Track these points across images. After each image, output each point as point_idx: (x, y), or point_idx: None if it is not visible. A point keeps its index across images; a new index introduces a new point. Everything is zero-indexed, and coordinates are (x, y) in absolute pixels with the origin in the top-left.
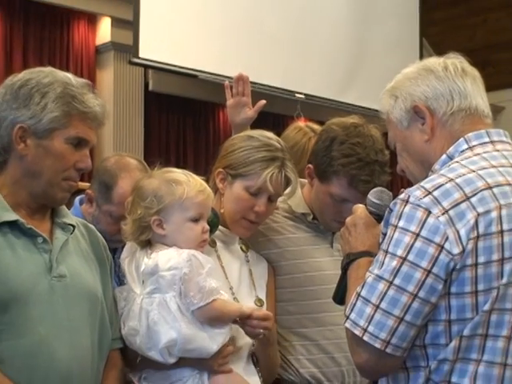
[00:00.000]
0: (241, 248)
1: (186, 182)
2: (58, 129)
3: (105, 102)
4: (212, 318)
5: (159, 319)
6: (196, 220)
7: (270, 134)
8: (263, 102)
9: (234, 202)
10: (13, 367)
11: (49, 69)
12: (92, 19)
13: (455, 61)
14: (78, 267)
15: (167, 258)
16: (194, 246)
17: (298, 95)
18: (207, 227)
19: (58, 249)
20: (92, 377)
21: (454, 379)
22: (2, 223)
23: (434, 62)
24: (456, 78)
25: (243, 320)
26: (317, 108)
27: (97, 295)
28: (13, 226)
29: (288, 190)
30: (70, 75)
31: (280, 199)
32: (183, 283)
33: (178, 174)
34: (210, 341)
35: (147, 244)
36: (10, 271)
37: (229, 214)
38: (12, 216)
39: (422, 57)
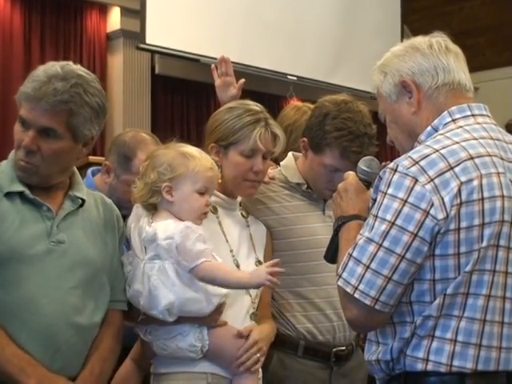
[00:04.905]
0: (241, 214)
1: (199, 158)
2: (19, 107)
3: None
4: (205, 278)
5: (158, 284)
6: (202, 193)
7: (248, 101)
8: (243, 80)
9: (233, 168)
10: (4, 321)
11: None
12: (103, 9)
13: (439, 39)
14: (81, 237)
15: (164, 228)
16: (196, 217)
17: (290, 77)
18: (210, 201)
19: (60, 217)
20: (81, 333)
21: (437, 334)
22: (12, 192)
23: (420, 40)
24: (440, 54)
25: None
26: (307, 89)
27: (95, 263)
28: (22, 195)
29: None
30: (69, 68)
31: (276, 170)
32: (177, 251)
33: (192, 149)
34: (206, 303)
35: (153, 209)
36: (11, 231)
37: (231, 180)
38: (19, 187)
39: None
